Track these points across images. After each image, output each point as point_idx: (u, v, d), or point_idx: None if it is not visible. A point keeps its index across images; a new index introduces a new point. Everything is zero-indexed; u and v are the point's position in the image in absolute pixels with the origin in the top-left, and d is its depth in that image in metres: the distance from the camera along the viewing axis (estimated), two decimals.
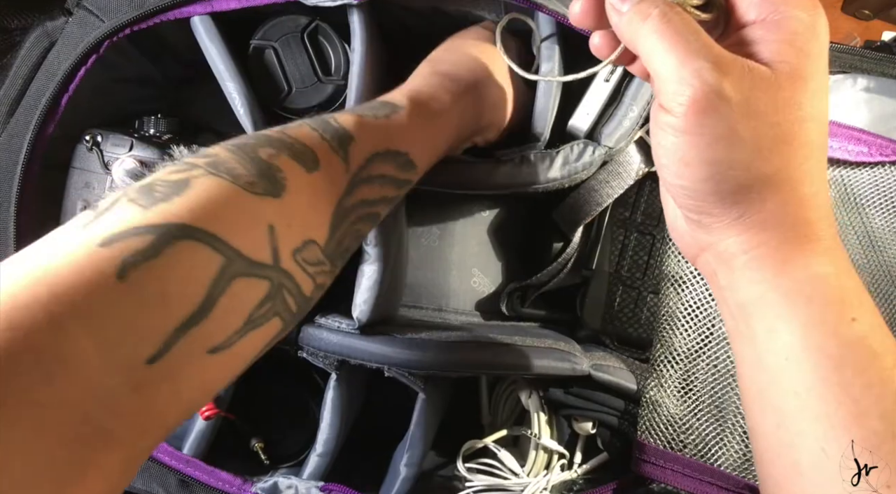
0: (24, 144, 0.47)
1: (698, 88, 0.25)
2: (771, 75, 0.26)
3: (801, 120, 0.26)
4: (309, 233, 0.30)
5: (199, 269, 0.25)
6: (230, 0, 0.46)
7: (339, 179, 0.33)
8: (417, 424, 0.50)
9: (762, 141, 0.26)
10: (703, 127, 0.26)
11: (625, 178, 0.49)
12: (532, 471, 0.52)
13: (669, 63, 0.26)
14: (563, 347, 0.49)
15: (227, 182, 0.27)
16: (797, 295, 0.28)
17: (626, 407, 0.49)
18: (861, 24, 0.72)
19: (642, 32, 0.27)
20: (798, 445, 0.28)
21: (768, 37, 0.26)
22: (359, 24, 0.46)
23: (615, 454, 0.51)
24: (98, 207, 0.26)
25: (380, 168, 0.36)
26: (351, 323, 0.48)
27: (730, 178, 0.27)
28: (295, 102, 0.51)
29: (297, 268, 0.29)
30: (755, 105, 0.26)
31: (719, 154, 0.26)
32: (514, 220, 0.57)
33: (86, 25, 0.47)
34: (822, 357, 0.27)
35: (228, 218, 0.26)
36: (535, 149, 0.48)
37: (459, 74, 0.45)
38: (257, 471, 0.53)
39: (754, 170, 0.26)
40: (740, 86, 0.25)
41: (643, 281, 0.52)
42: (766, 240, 0.28)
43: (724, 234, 0.29)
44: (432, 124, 0.42)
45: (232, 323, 0.26)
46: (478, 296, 0.57)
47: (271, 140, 0.31)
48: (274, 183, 0.29)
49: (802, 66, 0.26)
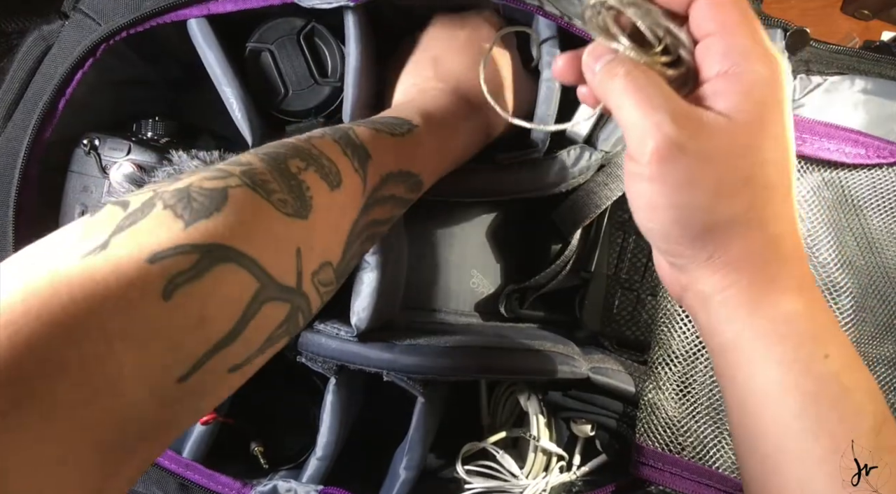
0: (22, 148, 0.47)
1: (659, 139, 0.27)
2: (728, 124, 0.28)
3: (761, 163, 0.28)
4: (327, 256, 0.31)
5: (237, 293, 0.26)
6: (226, 3, 0.46)
7: (357, 199, 0.34)
8: (416, 427, 0.50)
9: (722, 185, 0.28)
10: (666, 174, 0.28)
11: (623, 180, 0.48)
12: (531, 473, 0.52)
13: (634, 116, 0.28)
14: (561, 350, 0.49)
15: (261, 198, 0.28)
16: (770, 335, 0.29)
17: (624, 410, 0.49)
18: (861, 24, 0.71)
19: (611, 89, 0.29)
20: (781, 481, 0.29)
21: (728, 88, 0.28)
22: (353, 25, 0.46)
23: (614, 456, 0.51)
24: (129, 206, 0.25)
25: (392, 188, 0.37)
26: (349, 330, 0.48)
27: (695, 221, 0.29)
28: (292, 105, 0.50)
29: (313, 290, 0.30)
30: (713, 152, 0.28)
31: (683, 198, 0.28)
32: (512, 222, 0.57)
33: (82, 29, 0.47)
34: (797, 394, 0.29)
35: (263, 240, 0.27)
36: (534, 154, 0.48)
37: (469, 91, 0.46)
38: (257, 474, 0.53)
39: (717, 212, 0.28)
40: (697, 136, 0.27)
41: (642, 283, 0.52)
42: (735, 280, 0.29)
43: (698, 275, 0.30)
44: (444, 146, 0.42)
45: (254, 344, 0.27)
46: (477, 297, 0.57)
47: (300, 151, 0.31)
48: (303, 202, 0.29)
49: (760, 115, 0.28)
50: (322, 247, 0.31)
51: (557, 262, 0.53)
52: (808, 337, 0.29)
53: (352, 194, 0.33)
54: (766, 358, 0.29)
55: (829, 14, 0.75)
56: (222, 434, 0.52)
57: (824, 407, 0.28)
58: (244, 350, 0.27)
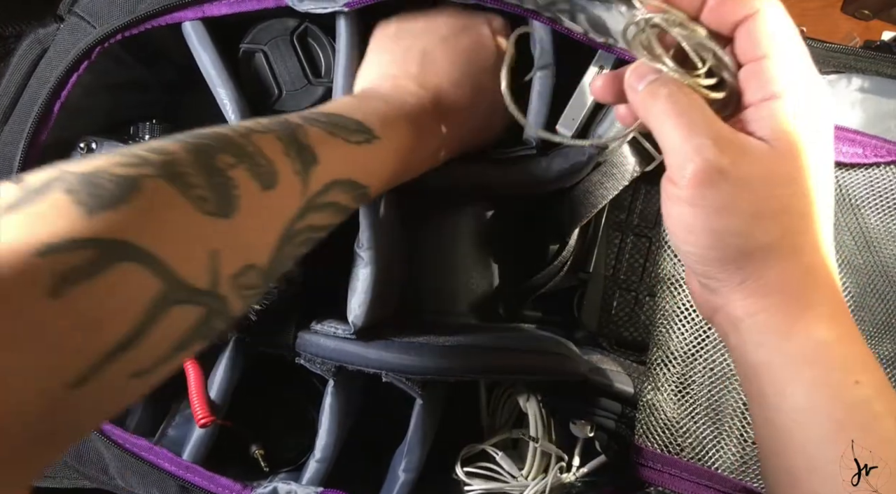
0: (18, 152, 0.47)
1: (699, 163, 0.27)
2: (769, 151, 0.28)
3: (800, 193, 0.28)
4: (251, 258, 0.29)
5: (138, 294, 0.24)
6: (221, 6, 0.46)
7: (293, 202, 0.32)
8: (415, 429, 0.50)
9: (760, 212, 0.28)
10: (705, 198, 0.28)
11: (619, 180, 0.48)
12: (530, 474, 0.52)
13: (675, 139, 0.28)
14: (560, 350, 0.49)
15: (177, 192, 0.26)
16: (801, 361, 0.29)
17: (623, 410, 0.49)
18: (861, 24, 0.71)
19: (653, 110, 0.29)
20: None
21: (771, 115, 0.28)
22: (345, 28, 0.46)
23: (613, 457, 0.51)
24: (27, 184, 0.23)
25: (335, 196, 0.35)
26: (347, 329, 0.47)
27: (731, 246, 0.29)
28: (286, 105, 0.50)
29: (232, 293, 0.28)
30: (752, 179, 0.28)
31: (720, 223, 0.28)
32: (510, 222, 0.57)
33: (77, 32, 0.47)
34: (827, 419, 0.29)
35: (173, 238, 0.25)
36: (528, 151, 0.48)
37: (449, 103, 0.44)
38: (257, 476, 0.53)
39: (754, 238, 0.28)
40: (738, 162, 0.27)
41: (640, 283, 0.52)
42: (768, 305, 0.30)
43: (731, 298, 0.30)
44: (401, 164, 0.40)
45: (161, 349, 0.25)
46: (475, 298, 0.57)
47: (233, 145, 0.29)
48: (227, 200, 0.28)
49: (802, 144, 0.28)
50: (246, 248, 0.29)
51: (555, 263, 0.53)
52: (838, 363, 0.29)
53: (287, 196, 0.31)
54: (795, 383, 0.29)
55: (829, 14, 0.75)
56: (221, 436, 0.52)
57: (853, 433, 0.28)
58: (148, 355, 0.25)
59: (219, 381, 0.51)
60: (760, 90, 0.28)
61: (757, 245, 0.29)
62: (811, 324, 0.29)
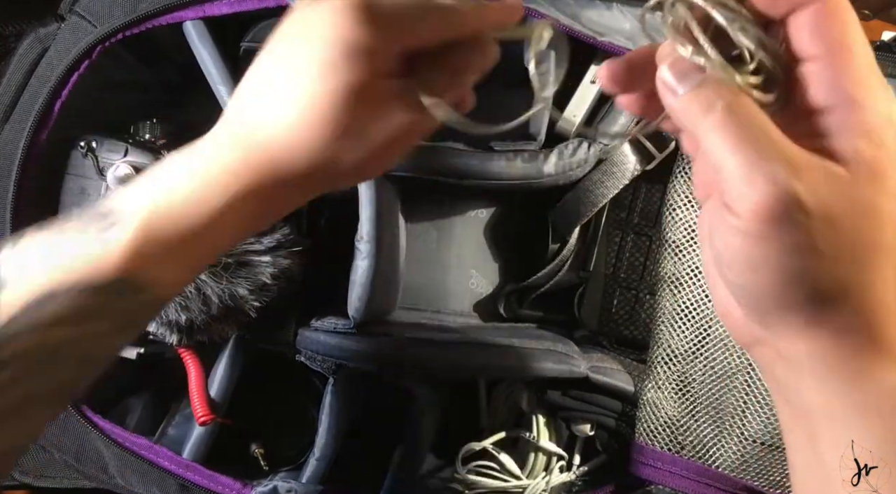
0: (19, 151, 0.47)
1: (771, 194, 0.22)
2: (848, 177, 0.23)
3: (881, 225, 0.24)
4: None
5: None
6: (222, 5, 0.46)
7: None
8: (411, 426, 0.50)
9: (841, 250, 0.24)
10: (776, 235, 0.23)
11: (619, 178, 0.48)
12: (531, 473, 0.52)
13: (737, 162, 0.23)
14: (560, 349, 0.49)
15: None
16: (870, 410, 0.25)
17: (623, 409, 0.49)
18: (861, 24, 0.71)
19: (703, 125, 0.24)
20: None
21: (842, 129, 0.24)
22: None
23: (613, 455, 0.51)
24: None
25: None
26: (347, 323, 0.48)
27: (803, 287, 0.24)
28: None
29: None
30: (833, 212, 0.23)
31: (793, 264, 0.24)
32: (511, 221, 0.57)
33: (78, 31, 0.47)
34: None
35: None
36: (532, 145, 0.48)
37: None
38: (257, 475, 0.53)
39: (830, 280, 0.24)
40: (818, 192, 0.23)
41: (640, 282, 0.52)
42: (834, 347, 0.25)
43: (787, 335, 0.26)
44: None
45: None
46: (475, 298, 0.57)
47: None
48: None
49: (880, 163, 0.23)
50: None
51: (556, 261, 0.53)
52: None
53: None
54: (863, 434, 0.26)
55: None
56: (221, 435, 0.52)
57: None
58: None
59: (219, 379, 0.51)
60: (821, 97, 0.24)
61: (832, 286, 0.24)
62: (885, 369, 0.25)
